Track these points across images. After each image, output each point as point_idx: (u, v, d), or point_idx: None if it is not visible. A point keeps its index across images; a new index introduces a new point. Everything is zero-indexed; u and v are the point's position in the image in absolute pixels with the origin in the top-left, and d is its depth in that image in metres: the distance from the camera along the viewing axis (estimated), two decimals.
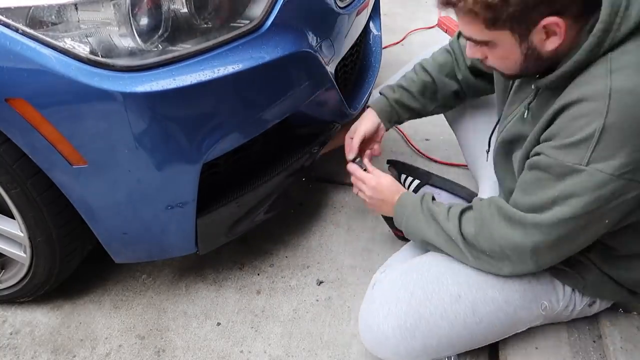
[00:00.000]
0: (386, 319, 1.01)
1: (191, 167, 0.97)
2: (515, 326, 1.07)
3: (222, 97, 0.95)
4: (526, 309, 1.03)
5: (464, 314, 1.00)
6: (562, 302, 1.04)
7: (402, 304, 1.01)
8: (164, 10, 0.90)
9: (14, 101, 0.86)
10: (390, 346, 1.02)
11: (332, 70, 1.20)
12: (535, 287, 1.02)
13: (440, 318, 0.99)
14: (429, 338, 1.01)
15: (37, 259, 1.12)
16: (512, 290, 1.01)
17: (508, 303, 1.01)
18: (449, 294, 1.00)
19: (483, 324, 1.02)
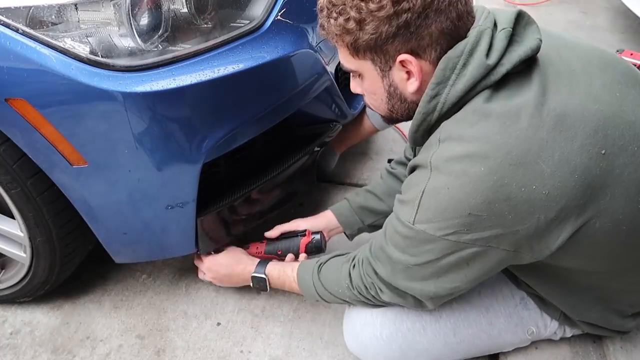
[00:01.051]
0: (363, 329, 1.01)
1: (191, 167, 0.97)
2: (500, 347, 1.06)
3: (222, 97, 0.95)
4: (511, 332, 1.01)
5: (444, 334, 0.99)
6: (549, 328, 1.02)
7: (378, 315, 1.00)
8: (164, 10, 0.90)
9: (14, 101, 0.86)
10: (370, 354, 1.02)
11: (332, 70, 1.20)
12: (522, 312, 1.00)
13: (419, 334, 0.98)
14: (407, 352, 1.00)
15: (37, 259, 1.12)
16: (496, 313, 0.99)
17: (492, 326, 1.00)
18: (429, 313, 0.98)
19: (464, 343, 1.00)
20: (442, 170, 0.75)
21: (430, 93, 0.76)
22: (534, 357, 1.10)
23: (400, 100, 0.84)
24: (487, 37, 0.74)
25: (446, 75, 0.75)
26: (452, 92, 0.75)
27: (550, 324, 1.02)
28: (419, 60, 0.76)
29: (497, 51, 0.73)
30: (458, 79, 0.74)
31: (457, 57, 0.74)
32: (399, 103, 0.85)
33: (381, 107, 0.88)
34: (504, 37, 0.74)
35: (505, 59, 0.74)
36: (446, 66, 0.75)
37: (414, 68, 0.77)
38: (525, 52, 0.74)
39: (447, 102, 0.76)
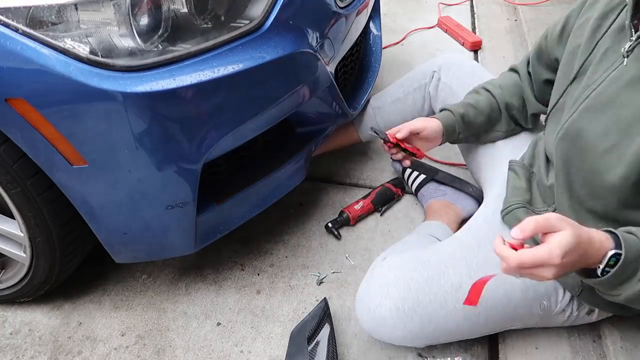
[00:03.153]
0: (383, 301, 1.01)
1: (191, 167, 0.98)
2: (512, 321, 1.07)
3: (222, 97, 0.95)
4: (526, 307, 1.03)
5: (463, 306, 0.99)
6: (560, 304, 1.04)
7: (400, 288, 1.01)
8: (164, 10, 0.90)
9: (14, 101, 0.86)
10: (388, 328, 1.02)
11: (332, 70, 1.20)
12: (538, 287, 1.02)
13: (440, 306, 1.00)
14: (426, 324, 1.01)
15: (37, 259, 1.12)
16: (514, 287, 1.01)
17: (509, 299, 1.01)
18: (450, 283, 1.00)
19: (482, 316, 1.02)
20: None
21: None
22: (534, 357, 1.10)
23: None
24: None
25: None
26: None
27: (562, 300, 1.03)
28: None
29: None
30: None
31: None
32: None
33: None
34: None
35: None
36: None
37: None
38: None
39: None
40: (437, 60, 1.45)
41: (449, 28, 2.46)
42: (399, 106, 1.52)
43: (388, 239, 1.43)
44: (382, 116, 1.54)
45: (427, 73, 1.45)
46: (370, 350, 1.15)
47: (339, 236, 1.43)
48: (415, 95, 1.48)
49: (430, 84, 1.44)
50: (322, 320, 1.13)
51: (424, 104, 1.47)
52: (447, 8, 2.72)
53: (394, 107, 1.52)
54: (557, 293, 1.03)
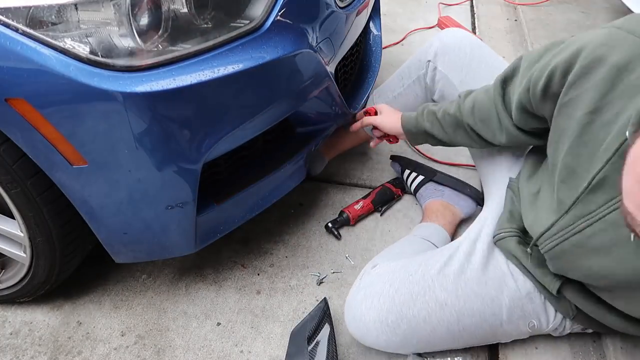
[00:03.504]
0: (368, 312, 1.02)
1: (191, 167, 0.97)
2: (499, 337, 1.07)
3: (222, 97, 0.95)
4: (513, 324, 1.02)
5: (447, 322, 1.00)
6: (552, 324, 1.03)
7: (385, 300, 1.01)
8: (164, 10, 0.90)
9: (14, 101, 0.86)
10: (372, 337, 1.04)
11: (332, 70, 1.20)
12: (526, 306, 1.00)
13: (423, 321, 1.00)
14: (409, 337, 1.02)
15: (37, 259, 1.12)
16: (500, 305, 1.00)
17: (495, 316, 1.00)
18: (435, 299, 1.00)
19: (466, 332, 1.02)
20: None
21: None
22: (534, 357, 1.10)
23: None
24: None
25: None
26: None
27: (553, 321, 1.02)
28: None
29: None
30: None
31: None
32: None
33: None
34: None
35: None
36: None
37: None
38: None
39: None
40: (433, 45, 1.34)
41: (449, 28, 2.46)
42: (401, 101, 1.47)
43: (388, 239, 1.43)
44: None
45: (423, 62, 1.36)
46: (370, 351, 1.15)
47: (339, 236, 1.43)
48: (415, 87, 1.41)
49: (427, 74, 1.36)
50: (322, 320, 1.13)
51: (426, 94, 1.42)
52: (447, 8, 2.72)
53: (397, 103, 1.46)
54: (547, 314, 1.02)
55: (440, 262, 1.05)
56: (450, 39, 1.31)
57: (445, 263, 1.04)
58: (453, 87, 1.30)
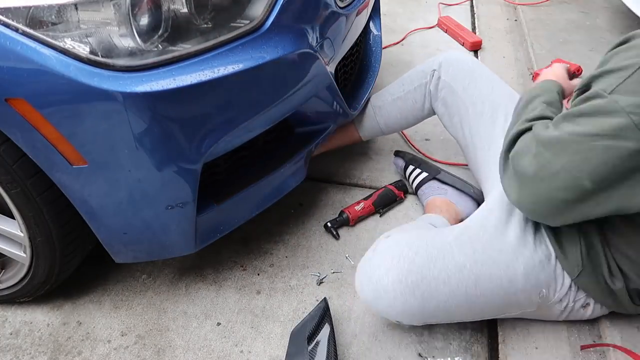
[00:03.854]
0: (387, 273, 1.01)
1: (191, 167, 0.98)
2: (511, 307, 1.07)
3: (222, 97, 0.95)
4: (527, 292, 1.03)
5: (466, 285, 1.01)
6: (558, 293, 1.04)
7: (405, 261, 1.01)
8: (164, 10, 0.90)
9: (14, 101, 0.86)
10: (388, 300, 1.02)
11: (332, 70, 1.20)
12: (539, 274, 1.02)
13: (443, 283, 1.00)
14: (428, 300, 1.01)
15: (37, 259, 1.12)
16: (516, 272, 1.02)
17: (511, 284, 1.02)
18: (454, 262, 1.01)
19: (483, 298, 1.02)
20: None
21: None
22: (534, 357, 1.10)
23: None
24: None
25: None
26: None
27: (560, 289, 1.04)
28: None
29: None
30: None
31: None
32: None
33: None
34: None
35: None
36: None
37: None
38: None
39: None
40: (437, 59, 1.45)
41: (449, 28, 2.47)
42: (399, 104, 1.52)
43: None
44: (382, 115, 1.54)
45: (428, 71, 1.45)
46: (370, 351, 1.15)
47: (337, 236, 1.43)
48: (415, 94, 1.48)
49: (431, 82, 1.44)
50: (322, 320, 1.13)
51: (425, 102, 1.47)
52: (447, 8, 2.73)
53: (394, 106, 1.52)
54: (556, 282, 1.04)
55: (458, 229, 1.08)
56: (453, 55, 1.44)
57: (463, 230, 1.07)
58: (456, 94, 1.37)
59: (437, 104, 1.44)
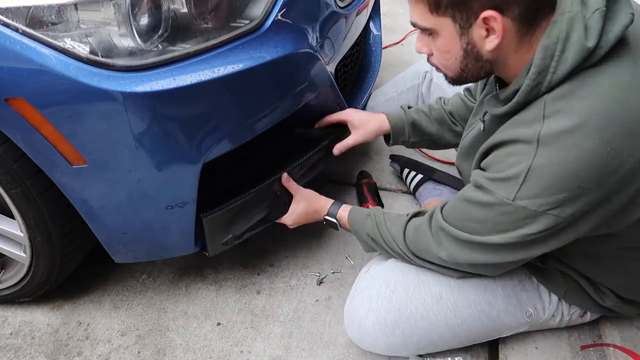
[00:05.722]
0: (367, 315, 1.03)
1: (191, 167, 0.97)
2: (499, 330, 1.07)
3: (222, 97, 0.94)
4: (510, 313, 1.03)
5: (445, 315, 1.01)
6: (547, 310, 1.04)
7: (382, 301, 1.02)
8: (164, 10, 0.90)
9: (14, 101, 0.86)
10: (371, 340, 1.05)
11: (332, 70, 1.20)
12: (520, 294, 1.02)
13: (421, 318, 1.01)
14: (409, 336, 1.02)
15: (37, 259, 1.12)
16: (495, 294, 1.01)
17: (491, 306, 1.01)
18: (431, 294, 1.00)
19: (465, 325, 1.02)
20: (552, 146, 0.75)
21: (532, 83, 0.77)
22: (534, 357, 1.10)
23: (476, 59, 0.83)
24: (580, 21, 0.74)
25: (546, 63, 0.75)
26: (553, 79, 0.76)
27: (549, 306, 1.04)
28: (503, 16, 0.75)
29: (595, 32, 0.73)
30: (559, 65, 0.75)
31: (554, 44, 0.74)
32: (474, 62, 0.84)
33: (452, 66, 0.87)
34: (599, 18, 0.73)
35: (603, 41, 0.73)
36: (545, 54, 0.75)
37: (498, 25, 0.76)
38: (621, 30, 0.74)
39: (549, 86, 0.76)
40: None
41: None
42: (392, 105, 1.53)
43: None
44: None
45: (420, 73, 1.45)
46: (370, 351, 1.15)
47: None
48: (408, 94, 1.49)
49: (423, 84, 1.44)
50: None
51: (417, 103, 1.48)
52: None
53: (387, 106, 1.53)
54: (542, 300, 1.03)
55: None
56: None
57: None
58: (447, 96, 1.36)
59: None
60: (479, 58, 0.82)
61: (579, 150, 0.73)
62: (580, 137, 0.72)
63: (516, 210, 0.79)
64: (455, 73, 0.88)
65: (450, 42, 0.82)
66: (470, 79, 0.89)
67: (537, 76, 0.76)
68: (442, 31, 0.82)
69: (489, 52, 0.80)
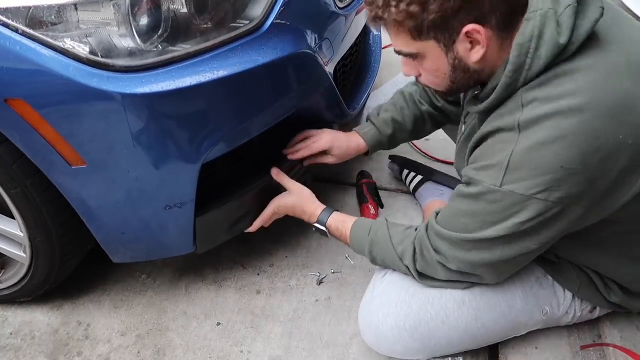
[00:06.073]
0: (386, 319, 1.02)
1: (190, 167, 0.97)
2: (516, 330, 1.07)
3: (221, 98, 0.94)
4: (528, 313, 1.03)
5: (466, 320, 1.00)
6: (562, 307, 1.04)
7: (402, 306, 1.01)
8: (164, 11, 0.90)
9: (13, 102, 0.86)
10: (389, 344, 1.04)
11: (331, 70, 1.20)
12: (538, 292, 1.02)
13: (442, 323, 1.00)
14: (428, 340, 1.02)
15: (37, 259, 1.12)
16: (515, 296, 1.01)
17: (511, 308, 1.01)
18: (453, 299, 1.00)
19: (484, 329, 1.02)
20: (532, 129, 0.77)
21: (509, 81, 0.79)
22: (534, 357, 1.10)
23: (464, 72, 0.86)
24: (553, 18, 0.76)
25: (521, 60, 0.78)
26: (529, 75, 0.78)
27: (563, 303, 1.04)
28: (485, 27, 0.78)
29: (567, 29, 0.75)
30: (534, 62, 0.77)
31: (528, 42, 0.77)
32: (462, 74, 0.87)
33: (443, 82, 0.90)
34: (571, 14, 0.76)
35: (575, 37, 0.76)
36: (520, 52, 0.77)
37: (481, 37, 0.79)
38: (592, 25, 0.76)
39: (525, 81, 0.79)
40: None
41: None
42: None
43: None
44: None
45: None
46: (371, 351, 1.15)
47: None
48: None
49: None
50: None
51: None
52: None
53: None
54: (557, 297, 1.03)
55: None
56: None
57: None
58: None
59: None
60: (467, 70, 0.85)
61: (559, 131, 0.75)
62: (559, 120, 0.75)
63: (505, 197, 0.80)
64: (446, 88, 0.91)
65: (438, 61, 0.85)
66: (462, 90, 0.92)
67: (513, 74, 0.79)
68: (428, 53, 0.84)
69: (476, 63, 0.83)
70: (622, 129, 0.75)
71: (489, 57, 0.82)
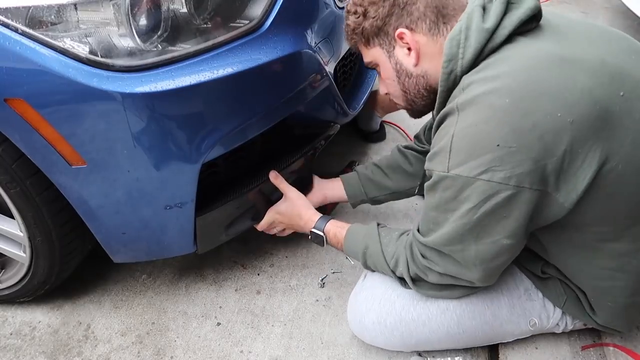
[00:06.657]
0: (367, 313, 1.04)
1: (190, 167, 0.97)
2: (501, 337, 1.07)
3: (221, 97, 0.95)
4: (514, 323, 1.03)
5: (448, 325, 1.01)
6: (552, 319, 1.03)
7: (385, 303, 1.03)
8: (164, 10, 0.90)
9: (13, 101, 0.86)
10: (371, 336, 1.08)
11: (331, 70, 1.20)
12: (525, 304, 1.02)
13: (423, 325, 1.01)
14: (408, 338, 1.03)
15: (37, 258, 1.12)
16: (500, 305, 1.01)
17: (495, 317, 1.01)
18: (437, 305, 1.01)
19: (466, 335, 1.03)
20: (468, 110, 0.79)
21: (446, 71, 0.84)
22: (534, 357, 1.10)
23: (407, 76, 0.93)
24: (479, 9, 0.82)
25: (453, 51, 0.83)
26: (464, 64, 0.82)
27: (553, 315, 1.03)
28: (412, 33, 0.88)
29: (493, 16, 0.81)
30: (466, 51, 0.82)
31: (458, 34, 0.82)
32: (407, 79, 0.93)
33: (397, 92, 0.96)
34: (499, 4, 0.82)
35: (506, 22, 0.81)
36: (451, 44, 0.83)
37: (409, 39, 0.88)
38: (525, 13, 0.81)
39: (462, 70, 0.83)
40: None
41: None
42: None
43: None
44: None
45: None
46: (370, 350, 1.15)
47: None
48: None
49: None
50: None
51: None
52: None
53: None
54: (546, 310, 1.02)
55: None
56: None
57: None
58: None
59: None
60: (409, 74, 0.92)
61: (491, 109, 0.77)
62: (492, 98, 0.77)
63: (453, 181, 0.80)
64: (403, 99, 0.97)
65: (386, 68, 0.95)
66: (419, 101, 0.96)
67: (448, 64, 0.83)
68: (379, 60, 0.95)
69: (415, 66, 0.91)
70: (558, 107, 0.75)
71: (427, 60, 0.89)
